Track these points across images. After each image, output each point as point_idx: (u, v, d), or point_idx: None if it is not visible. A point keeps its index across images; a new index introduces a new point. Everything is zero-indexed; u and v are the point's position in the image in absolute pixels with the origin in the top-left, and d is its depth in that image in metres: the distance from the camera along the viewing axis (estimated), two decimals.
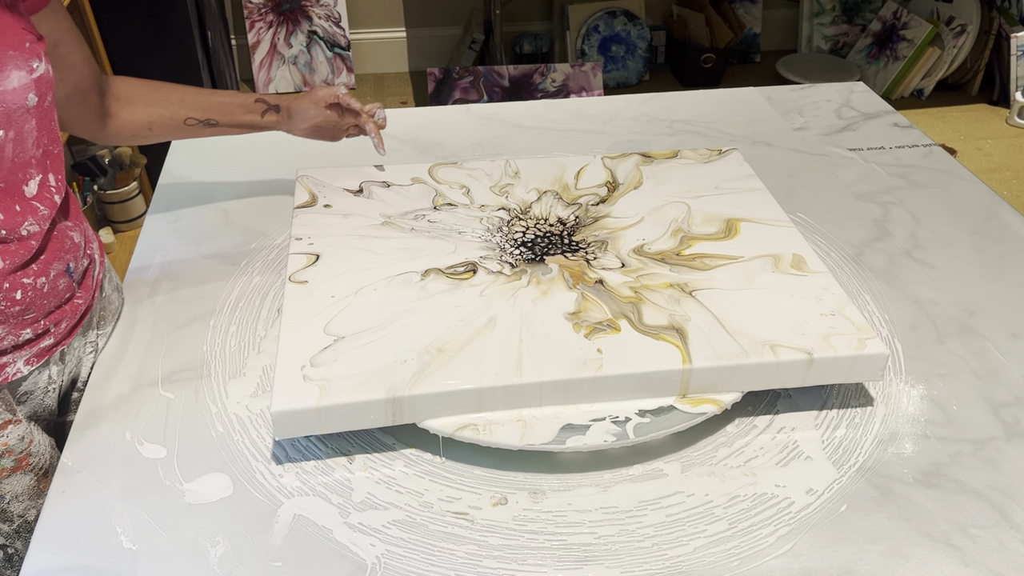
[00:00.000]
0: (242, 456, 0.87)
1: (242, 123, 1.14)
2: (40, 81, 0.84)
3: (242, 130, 1.15)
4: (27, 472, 0.89)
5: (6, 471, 0.88)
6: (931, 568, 0.77)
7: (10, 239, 0.84)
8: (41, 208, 0.87)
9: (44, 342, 0.91)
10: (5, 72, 0.80)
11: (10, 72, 0.81)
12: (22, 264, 0.85)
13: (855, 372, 0.90)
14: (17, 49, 0.82)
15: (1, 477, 0.88)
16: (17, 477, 0.89)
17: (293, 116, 1.16)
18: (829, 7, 3.51)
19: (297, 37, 3.28)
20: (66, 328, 0.93)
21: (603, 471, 0.86)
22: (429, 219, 1.10)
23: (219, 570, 0.76)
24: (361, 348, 0.89)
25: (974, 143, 3.06)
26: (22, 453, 0.89)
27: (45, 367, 0.93)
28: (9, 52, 0.81)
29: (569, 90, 3.13)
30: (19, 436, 0.88)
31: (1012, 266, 1.15)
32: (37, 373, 0.92)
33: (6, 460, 0.88)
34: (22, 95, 0.82)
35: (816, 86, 1.66)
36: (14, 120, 0.83)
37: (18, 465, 0.89)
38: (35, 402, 0.94)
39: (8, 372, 0.88)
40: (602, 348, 0.89)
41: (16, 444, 0.88)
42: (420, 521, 0.81)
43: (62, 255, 0.91)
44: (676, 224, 1.10)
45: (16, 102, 0.82)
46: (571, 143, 1.44)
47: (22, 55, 0.82)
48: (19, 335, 0.88)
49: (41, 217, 0.87)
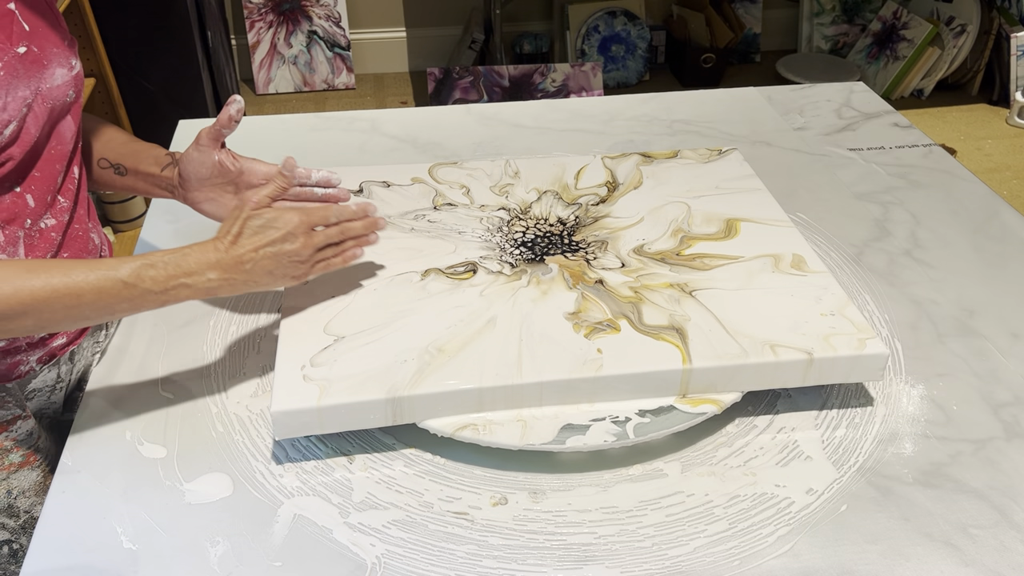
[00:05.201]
0: (242, 456, 0.87)
1: (145, 174, 0.99)
2: (77, 78, 0.88)
3: (146, 186, 1.00)
4: (34, 468, 0.90)
5: (14, 466, 0.88)
6: (931, 568, 0.77)
7: (34, 231, 0.86)
8: (62, 201, 0.88)
9: (57, 341, 0.92)
10: (50, 70, 0.84)
11: (55, 70, 0.85)
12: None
13: (855, 372, 0.90)
14: (59, 47, 0.86)
15: (9, 472, 0.88)
16: (24, 472, 0.89)
17: (181, 171, 0.96)
18: (829, 7, 3.51)
19: (297, 37, 3.28)
20: (78, 329, 0.94)
21: (603, 471, 0.86)
22: (429, 219, 1.10)
23: (219, 570, 0.76)
24: (361, 348, 0.89)
25: (974, 143, 3.06)
26: (30, 449, 0.89)
27: (55, 366, 0.94)
28: (54, 49, 0.85)
29: (569, 90, 3.13)
30: (28, 432, 0.89)
31: (1012, 266, 1.15)
32: (47, 371, 0.93)
33: (15, 455, 0.88)
34: (64, 92, 0.87)
35: (816, 86, 1.66)
36: (57, 116, 0.86)
37: (26, 460, 0.89)
38: (42, 399, 0.95)
39: (21, 369, 0.89)
40: (602, 348, 0.89)
41: (25, 439, 0.89)
42: (420, 521, 0.81)
43: (83, 256, 0.92)
44: (676, 224, 1.10)
45: (60, 99, 0.86)
46: (571, 143, 1.44)
47: (63, 53, 0.86)
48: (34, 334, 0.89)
49: (61, 209, 0.88)
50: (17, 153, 0.81)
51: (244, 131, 1.19)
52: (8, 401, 0.88)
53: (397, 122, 1.50)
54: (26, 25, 0.82)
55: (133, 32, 2.42)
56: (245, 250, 0.82)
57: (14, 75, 0.79)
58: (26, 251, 0.85)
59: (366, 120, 1.50)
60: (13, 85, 0.79)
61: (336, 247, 0.89)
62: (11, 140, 0.80)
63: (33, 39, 0.82)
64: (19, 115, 0.80)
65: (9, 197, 0.83)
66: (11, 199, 0.83)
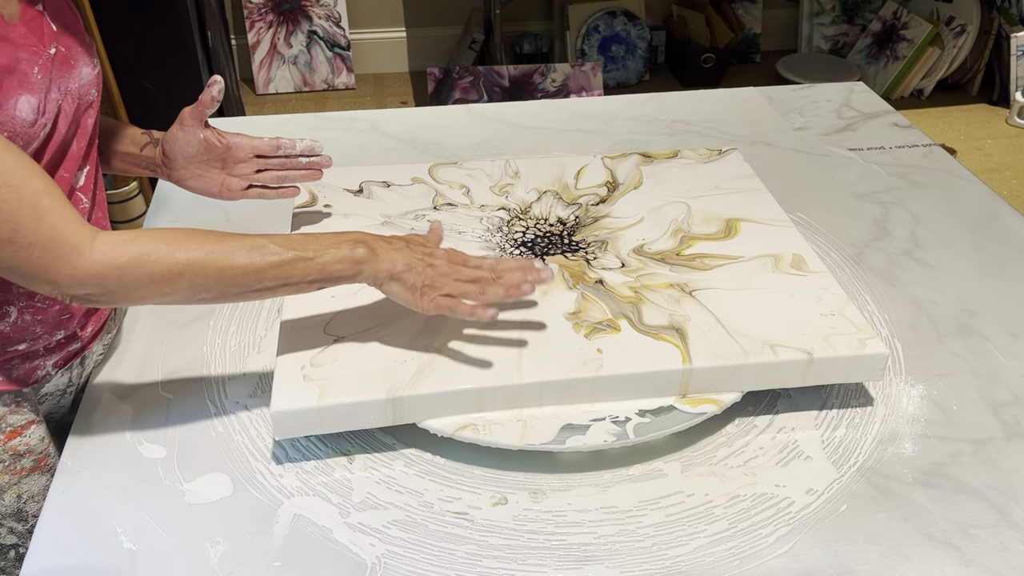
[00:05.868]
0: (242, 456, 0.87)
1: (123, 154, 1.00)
2: (98, 77, 0.88)
3: (125, 166, 1.01)
4: (44, 472, 0.90)
5: (25, 471, 0.88)
6: (931, 568, 0.77)
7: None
8: (83, 199, 0.88)
9: (72, 346, 0.92)
10: (78, 69, 0.85)
11: (81, 69, 0.85)
12: None
13: (855, 372, 0.90)
14: (83, 45, 0.86)
15: (20, 476, 0.88)
16: (35, 477, 0.89)
17: (166, 150, 0.97)
18: (829, 7, 3.51)
19: (297, 37, 3.28)
20: (91, 332, 0.95)
21: (603, 471, 0.86)
22: (429, 219, 1.10)
23: (219, 570, 0.76)
24: (361, 348, 0.89)
25: (974, 143, 3.05)
26: (41, 453, 0.89)
27: (68, 370, 0.94)
28: (79, 48, 0.85)
29: (569, 90, 3.13)
30: (40, 437, 0.89)
31: (1012, 266, 1.15)
32: (60, 375, 0.93)
33: (27, 460, 0.88)
34: (88, 90, 0.87)
35: (816, 86, 1.66)
36: (82, 114, 0.86)
37: (37, 465, 0.89)
38: (52, 403, 0.95)
39: (38, 374, 0.89)
40: (602, 348, 0.89)
41: (37, 444, 0.89)
42: (420, 521, 0.81)
43: None
44: (676, 224, 1.10)
45: (85, 96, 0.86)
46: (571, 143, 1.44)
47: (87, 52, 0.87)
48: (52, 337, 0.89)
49: (82, 209, 0.88)
50: (49, 154, 0.81)
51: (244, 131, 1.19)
52: (24, 406, 0.88)
53: (397, 122, 1.50)
54: (54, 26, 0.82)
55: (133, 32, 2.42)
56: (395, 239, 0.85)
57: (48, 77, 0.79)
58: None
59: (366, 120, 1.50)
60: (49, 87, 0.79)
61: (478, 287, 0.84)
62: (45, 140, 0.80)
63: (60, 39, 0.83)
64: (54, 116, 0.80)
65: None
66: None
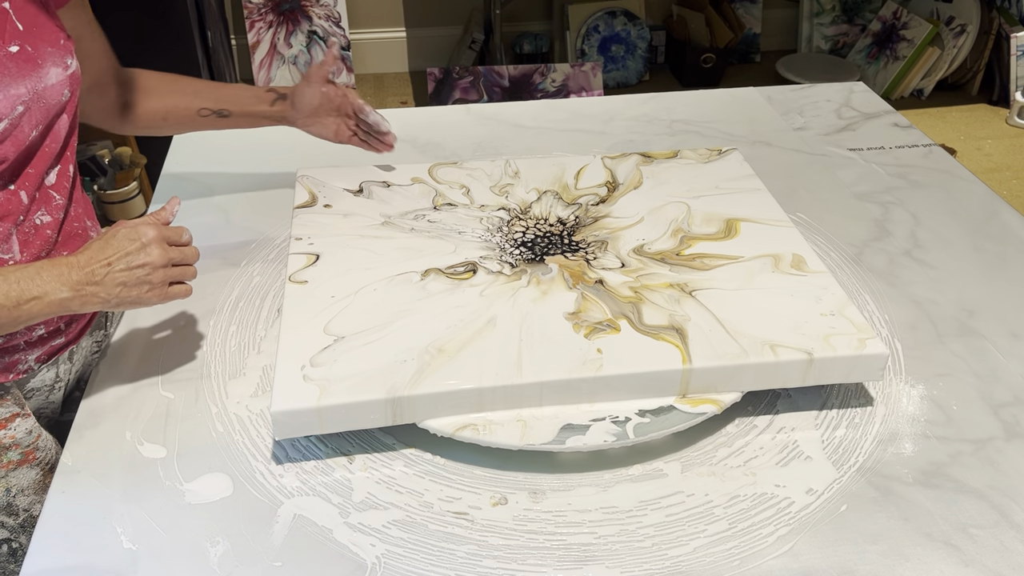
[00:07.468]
0: (242, 456, 0.87)
1: (253, 112, 1.15)
2: (73, 77, 0.89)
3: (253, 121, 1.16)
4: (34, 466, 0.90)
5: (12, 464, 0.88)
6: (931, 568, 0.77)
7: (28, 227, 0.86)
8: (57, 197, 0.89)
9: (55, 340, 0.92)
10: (45, 69, 0.85)
11: (49, 69, 0.86)
12: (39, 257, 0.87)
13: (855, 372, 0.90)
14: (54, 46, 0.87)
15: (8, 470, 0.88)
16: (24, 471, 0.89)
17: (295, 103, 1.15)
18: (829, 7, 3.51)
19: (297, 37, 3.28)
20: (77, 328, 0.95)
21: (603, 471, 0.86)
22: (429, 219, 1.10)
23: (219, 570, 0.76)
24: (361, 348, 0.89)
25: (974, 143, 3.05)
26: (29, 447, 0.89)
27: (54, 365, 0.94)
28: (48, 49, 0.86)
29: (569, 90, 3.13)
30: (27, 430, 0.89)
31: (1012, 266, 1.15)
32: (46, 370, 0.93)
33: (13, 453, 0.88)
34: (59, 91, 0.87)
35: (816, 86, 1.66)
36: (51, 114, 0.87)
37: (25, 459, 0.89)
38: (40, 399, 0.95)
39: (20, 368, 0.90)
40: (602, 348, 0.89)
41: (24, 438, 0.89)
42: (420, 521, 0.81)
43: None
44: (676, 224, 1.10)
45: (54, 98, 0.87)
46: (571, 143, 1.44)
47: (58, 52, 0.87)
48: (33, 331, 0.89)
49: (56, 207, 0.89)
50: (11, 153, 0.82)
51: (244, 130, 1.19)
52: (7, 399, 0.88)
53: (397, 122, 1.49)
54: (20, 24, 0.83)
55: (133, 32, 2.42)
56: (97, 264, 0.82)
57: (5, 73, 0.80)
58: (20, 247, 0.86)
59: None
60: (4, 83, 0.80)
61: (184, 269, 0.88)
62: (3, 138, 0.81)
63: (27, 38, 0.84)
64: (11, 114, 0.81)
65: (3, 195, 0.84)
66: (4, 196, 0.84)
